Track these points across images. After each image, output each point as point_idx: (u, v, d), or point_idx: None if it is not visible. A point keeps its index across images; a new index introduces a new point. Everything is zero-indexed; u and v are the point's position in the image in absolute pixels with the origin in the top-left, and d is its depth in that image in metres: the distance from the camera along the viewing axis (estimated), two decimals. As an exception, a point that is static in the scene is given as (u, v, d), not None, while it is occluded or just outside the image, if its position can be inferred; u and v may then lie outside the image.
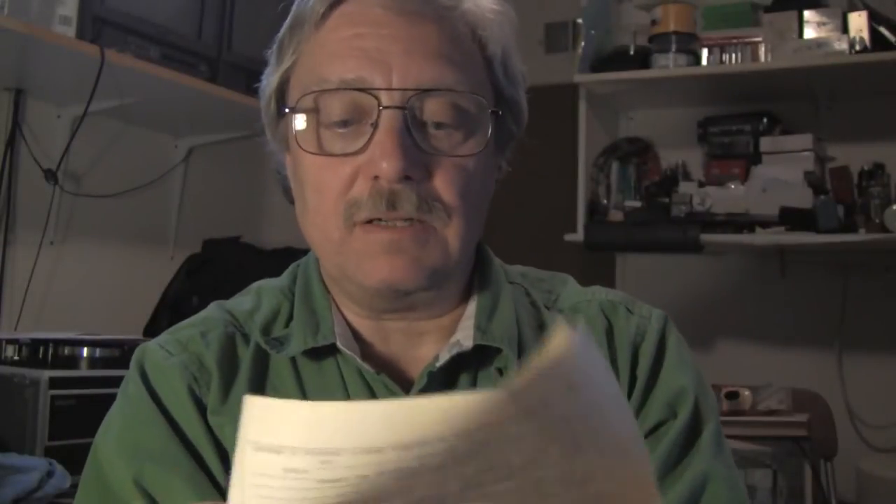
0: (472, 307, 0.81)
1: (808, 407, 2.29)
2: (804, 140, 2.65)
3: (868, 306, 2.80)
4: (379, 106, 0.72)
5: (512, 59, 0.80)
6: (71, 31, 1.93)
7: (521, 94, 0.82)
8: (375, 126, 0.72)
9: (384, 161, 0.70)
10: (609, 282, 3.11)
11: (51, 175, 2.20)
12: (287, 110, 0.77)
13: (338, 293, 0.82)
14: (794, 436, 2.10)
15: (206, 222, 2.70)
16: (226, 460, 0.76)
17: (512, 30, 0.80)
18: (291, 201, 0.83)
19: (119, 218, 2.45)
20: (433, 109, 0.73)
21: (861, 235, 2.48)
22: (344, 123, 0.74)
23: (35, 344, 1.84)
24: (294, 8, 0.79)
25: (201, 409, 0.78)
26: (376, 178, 0.72)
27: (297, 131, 0.76)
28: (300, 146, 0.75)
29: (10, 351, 1.84)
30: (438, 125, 0.74)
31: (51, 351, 1.82)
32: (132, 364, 0.81)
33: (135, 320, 2.42)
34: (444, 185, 0.74)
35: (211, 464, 0.76)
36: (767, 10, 2.66)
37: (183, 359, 0.79)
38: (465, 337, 0.78)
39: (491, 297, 0.82)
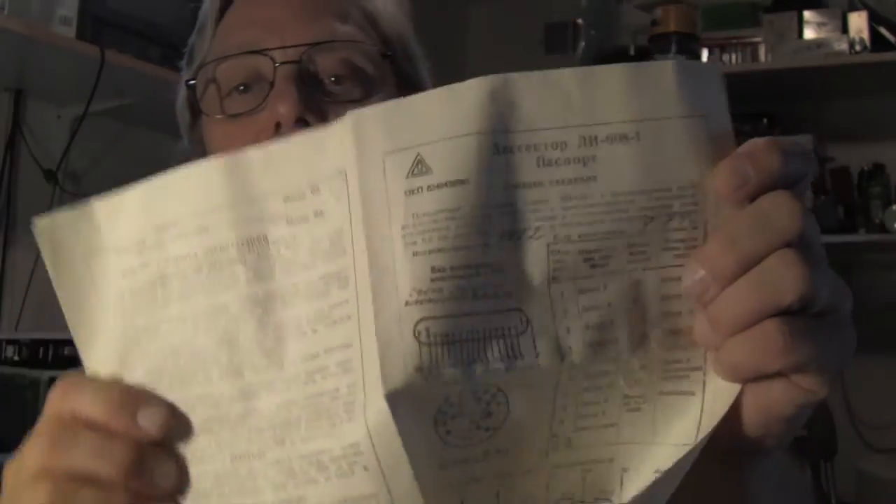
0: None
1: (808, 407, 2.29)
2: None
3: (868, 306, 2.80)
4: (274, 64, 0.73)
5: (410, 42, 0.82)
6: (71, 31, 1.93)
7: (426, 76, 0.83)
8: (273, 83, 0.74)
9: (281, 105, 0.71)
10: (609, 282, 3.11)
11: (51, 175, 2.20)
12: (190, 81, 0.78)
13: None
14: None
15: (206, 222, 2.70)
16: None
17: (406, 14, 0.82)
18: None
19: (119, 218, 2.45)
20: (328, 64, 0.75)
21: (861, 235, 2.47)
22: (244, 88, 0.76)
23: (35, 344, 1.84)
24: (198, 18, 0.83)
25: None
26: (278, 126, 0.72)
27: (202, 102, 0.78)
28: (205, 112, 0.77)
29: (10, 351, 1.84)
30: (336, 80, 0.75)
31: (51, 351, 1.82)
32: None
33: (135, 320, 2.41)
34: None
35: None
36: (767, 10, 2.66)
37: None
38: None
39: None
